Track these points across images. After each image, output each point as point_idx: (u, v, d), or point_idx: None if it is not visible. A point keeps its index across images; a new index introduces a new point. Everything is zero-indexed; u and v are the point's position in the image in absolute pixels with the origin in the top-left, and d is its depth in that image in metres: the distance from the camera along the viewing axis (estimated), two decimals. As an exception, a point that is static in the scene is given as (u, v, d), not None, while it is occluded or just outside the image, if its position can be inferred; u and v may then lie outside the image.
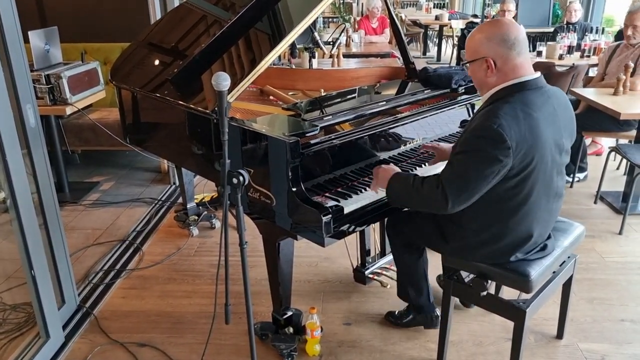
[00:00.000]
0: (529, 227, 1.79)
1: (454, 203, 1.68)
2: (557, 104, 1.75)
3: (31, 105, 2.17)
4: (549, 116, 1.70)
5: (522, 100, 1.67)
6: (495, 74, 1.71)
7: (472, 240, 1.85)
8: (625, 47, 3.82)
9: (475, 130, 1.68)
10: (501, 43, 1.68)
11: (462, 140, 1.72)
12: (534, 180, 1.70)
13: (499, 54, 1.69)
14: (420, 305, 2.29)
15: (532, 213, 1.77)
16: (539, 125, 1.65)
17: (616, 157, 4.21)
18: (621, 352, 2.21)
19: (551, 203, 1.82)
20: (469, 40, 1.77)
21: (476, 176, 1.64)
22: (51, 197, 2.30)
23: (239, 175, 1.51)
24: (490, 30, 1.71)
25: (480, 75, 1.75)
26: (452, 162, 1.72)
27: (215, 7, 2.73)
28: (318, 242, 1.80)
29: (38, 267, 2.12)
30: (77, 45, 4.17)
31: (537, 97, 1.69)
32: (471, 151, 1.66)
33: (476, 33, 1.75)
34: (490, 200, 1.73)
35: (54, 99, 3.43)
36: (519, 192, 1.72)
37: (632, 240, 3.15)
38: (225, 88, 1.44)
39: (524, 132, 1.61)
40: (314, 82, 2.82)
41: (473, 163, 1.65)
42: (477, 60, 1.73)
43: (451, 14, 9.91)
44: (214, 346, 2.25)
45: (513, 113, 1.62)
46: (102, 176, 4.29)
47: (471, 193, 1.67)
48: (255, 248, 2.84)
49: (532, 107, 1.66)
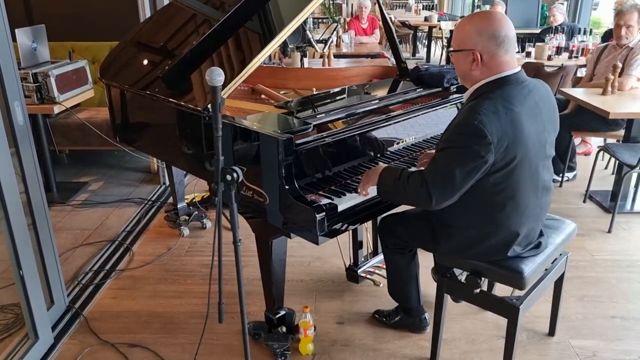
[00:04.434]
0: (519, 223, 1.79)
1: (437, 199, 1.68)
2: (538, 97, 1.75)
3: (19, 102, 2.14)
4: (531, 110, 1.70)
5: (503, 95, 1.66)
6: (480, 68, 1.70)
7: (463, 239, 1.85)
8: (613, 47, 3.86)
9: (456, 127, 1.68)
10: (491, 39, 1.66)
11: (444, 138, 1.72)
12: (518, 174, 1.70)
13: (487, 49, 1.68)
14: (409, 308, 2.29)
15: (521, 208, 1.77)
16: (520, 119, 1.65)
17: (605, 156, 4.25)
18: (612, 348, 2.23)
19: (540, 197, 1.83)
20: (458, 28, 1.76)
21: (458, 172, 1.64)
22: (40, 196, 2.26)
23: (232, 172, 1.50)
24: (481, 24, 1.69)
25: (464, 66, 1.74)
26: (434, 159, 1.72)
27: (205, 6, 2.71)
28: (312, 240, 1.79)
29: (26, 267, 2.09)
30: (65, 44, 4.13)
31: (518, 92, 1.69)
32: (453, 147, 1.67)
33: (466, 23, 1.73)
34: (477, 197, 1.74)
35: (42, 98, 3.37)
36: (504, 187, 1.72)
37: (620, 238, 3.17)
38: (220, 83, 1.42)
39: (506, 127, 1.61)
40: (306, 81, 2.82)
41: (455, 159, 1.65)
42: (463, 51, 1.71)
43: (440, 16, 9.95)
44: (206, 346, 2.23)
45: (494, 109, 1.62)
46: (91, 176, 4.24)
47: (454, 189, 1.67)
48: (247, 247, 2.82)
49: (513, 102, 1.66)
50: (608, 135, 3.84)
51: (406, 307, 2.30)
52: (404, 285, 2.23)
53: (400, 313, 2.33)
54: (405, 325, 2.32)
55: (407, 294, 2.25)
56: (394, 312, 2.36)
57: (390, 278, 2.28)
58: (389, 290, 2.31)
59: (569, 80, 4.36)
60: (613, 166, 4.13)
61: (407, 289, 2.23)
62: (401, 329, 2.33)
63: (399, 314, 2.33)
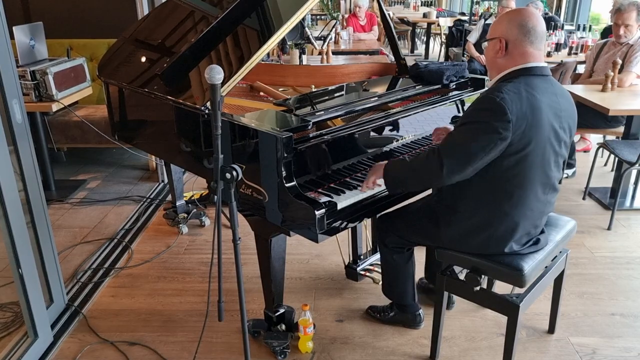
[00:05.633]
0: (524, 215, 1.79)
1: (448, 170, 1.69)
2: (560, 95, 1.79)
3: (17, 100, 2.13)
4: (551, 102, 1.73)
5: (527, 82, 1.71)
6: (504, 57, 1.76)
7: (467, 225, 1.85)
8: (612, 44, 3.85)
9: (477, 103, 1.72)
10: (518, 27, 1.73)
11: (464, 114, 1.76)
12: (531, 163, 1.72)
13: (512, 37, 1.74)
14: (404, 305, 2.29)
15: (527, 200, 1.78)
16: (540, 106, 1.68)
17: (604, 153, 4.25)
18: (612, 345, 2.23)
19: (546, 194, 1.84)
20: (495, 20, 1.86)
21: (474, 145, 1.66)
22: (38, 194, 2.26)
23: (232, 170, 1.49)
24: (513, 15, 1.77)
25: (491, 54, 1.81)
26: (451, 133, 1.78)
27: (203, 3, 2.70)
28: (311, 238, 1.78)
29: (26, 266, 2.08)
30: (63, 41, 4.12)
31: (541, 83, 1.74)
32: (472, 122, 1.70)
33: (502, 15, 1.81)
34: (487, 180, 1.75)
35: (40, 96, 3.36)
36: (515, 173, 1.73)
37: (620, 235, 3.18)
38: (219, 81, 1.41)
39: (525, 110, 1.65)
40: (305, 78, 2.80)
41: (473, 133, 1.68)
42: (493, 40, 1.79)
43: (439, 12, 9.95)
44: (205, 344, 2.23)
45: (516, 90, 1.67)
46: (89, 174, 4.23)
47: (467, 162, 1.68)
48: (247, 245, 2.82)
49: (536, 90, 1.70)
50: (607, 132, 3.84)
51: (402, 305, 2.30)
52: (400, 284, 2.22)
53: (395, 309, 2.33)
54: (399, 321, 2.32)
55: (402, 292, 2.25)
56: (389, 308, 2.35)
57: (385, 277, 2.27)
58: (384, 289, 2.31)
59: (568, 77, 4.35)
60: (613, 163, 4.13)
61: (403, 287, 2.23)
62: (396, 324, 2.33)
63: (394, 310, 2.33)
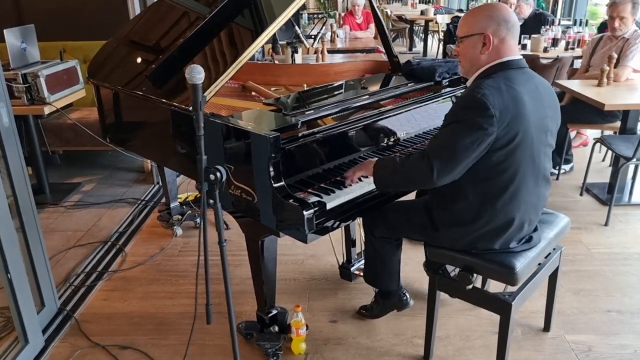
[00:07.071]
0: (517, 209, 1.77)
1: (438, 172, 1.67)
2: (539, 84, 1.79)
3: (4, 103, 2.11)
4: (532, 93, 1.72)
5: (505, 76, 1.71)
6: (489, 53, 1.74)
7: (461, 221, 1.82)
8: (608, 39, 3.82)
9: (459, 101, 1.73)
10: (503, 23, 1.72)
11: (447, 114, 1.74)
12: (520, 155, 1.71)
13: (498, 33, 1.72)
14: (389, 291, 2.26)
15: (521, 194, 1.76)
16: (522, 97, 1.67)
17: (601, 148, 4.23)
18: (608, 342, 2.20)
19: (539, 186, 1.82)
20: (465, 17, 1.81)
21: (461, 144, 1.65)
22: (28, 198, 2.24)
23: (216, 172, 1.47)
24: (492, 10, 1.75)
25: (473, 52, 1.76)
26: (437, 134, 1.76)
27: (195, 3, 2.68)
28: (301, 239, 1.76)
29: (14, 271, 2.06)
30: (56, 44, 4.09)
31: (520, 75, 1.74)
32: (456, 121, 1.69)
33: (476, 11, 1.79)
34: (478, 178, 1.74)
35: (32, 99, 3.34)
36: (506, 167, 1.71)
37: (617, 231, 3.15)
38: (200, 81, 1.39)
39: (507, 103, 1.64)
40: (297, 77, 2.78)
41: (458, 132, 1.66)
42: (474, 36, 1.75)
43: (437, 9, 9.93)
44: (198, 347, 2.21)
45: (496, 85, 1.66)
46: (84, 177, 4.21)
47: (456, 162, 1.67)
48: (239, 247, 2.79)
49: (515, 82, 1.70)
50: (604, 127, 3.81)
51: (386, 291, 2.26)
52: (386, 274, 2.18)
53: (379, 300, 2.30)
54: (388, 308, 2.30)
55: (391, 279, 2.20)
56: (374, 301, 2.34)
57: (369, 265, 2.22)
58: (367, 278, 2.25)
59: (564, 72, 4.33)
60: (610, 158, 4.11)
61: (389, 276, 2.19)
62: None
63: (378, 301, 2.31)
